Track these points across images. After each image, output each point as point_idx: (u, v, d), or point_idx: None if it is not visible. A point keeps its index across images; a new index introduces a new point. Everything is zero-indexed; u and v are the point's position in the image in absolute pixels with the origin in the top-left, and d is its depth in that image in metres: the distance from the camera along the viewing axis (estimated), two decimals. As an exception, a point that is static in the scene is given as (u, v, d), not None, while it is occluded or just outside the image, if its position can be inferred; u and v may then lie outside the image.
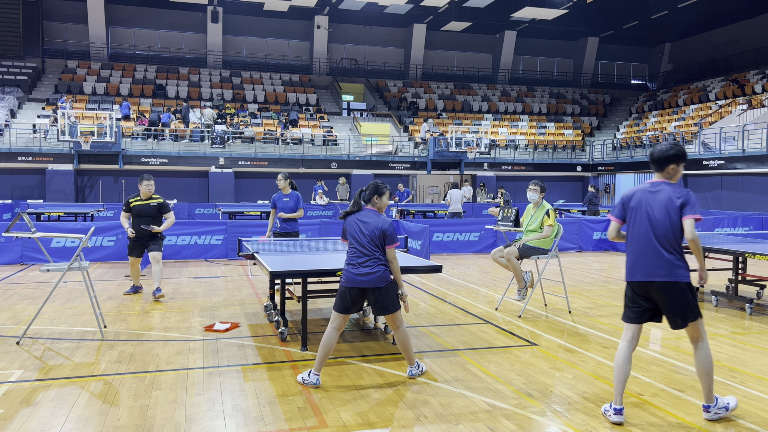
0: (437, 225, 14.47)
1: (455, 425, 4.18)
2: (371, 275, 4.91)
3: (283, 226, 9.03)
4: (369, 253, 4.94)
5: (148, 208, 8.62)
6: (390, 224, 5.00)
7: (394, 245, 5.00)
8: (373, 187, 5.19)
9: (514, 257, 7.72)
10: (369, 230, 4.98)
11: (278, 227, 9.05)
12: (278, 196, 9.06)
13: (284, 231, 9.01)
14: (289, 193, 9.04)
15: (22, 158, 24.52)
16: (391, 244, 4.98)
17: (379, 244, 4.97)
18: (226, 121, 28.67)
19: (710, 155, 24.11)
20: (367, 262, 4.93)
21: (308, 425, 4.16)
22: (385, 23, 36.00)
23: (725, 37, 35.33)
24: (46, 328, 6.77)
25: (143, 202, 8.63)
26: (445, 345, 6.23)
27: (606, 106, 38.31)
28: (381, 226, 4.98)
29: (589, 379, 5.19)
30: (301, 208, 9.04)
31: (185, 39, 34.70)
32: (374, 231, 4.96)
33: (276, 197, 9.08)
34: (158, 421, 4.21)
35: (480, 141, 28.32)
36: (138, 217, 8.58)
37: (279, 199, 9.02)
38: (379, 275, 4.93)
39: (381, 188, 5.18)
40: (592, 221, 15.45)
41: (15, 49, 30.98)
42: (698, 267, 4.31)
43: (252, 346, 6.12)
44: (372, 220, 5.02)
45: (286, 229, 9.03)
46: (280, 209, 8.98)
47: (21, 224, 8.96)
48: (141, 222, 8.56)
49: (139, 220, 8.57)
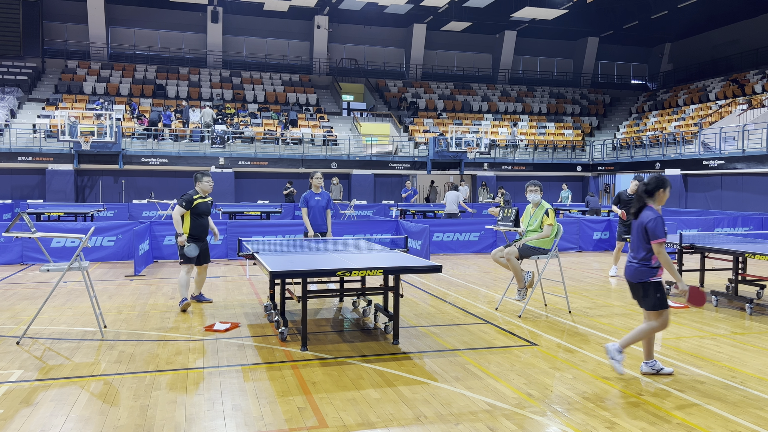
0: (437, 225, 14.46)
1: (455, 425, 4.18)
2: (626, 269, 5.25)
3: (314, 225, 9.08)
4: (634, 248, 5.21)
5: (207, 205, 8.13)
6: (652, 220, 5.04)
7: (657, 241, 5.01)
8: (658, 180, 5.17)
9: (513, 257, 7.72)
10: (635, 225, 5.20)
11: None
12: (310, 194, 9.13)
13: (314, 230, 9.09)
14: (320, 192, 9.15)
15: (22, 158, 24.52)
16: (653, 239, 5.02)
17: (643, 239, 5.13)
18: (226, 121, 28.68)
19: (710, 155, 24.11)
20: (633, 255, 5.24)
21: (308, 425, 4.16)
22: (385, 23, 36.00)
23: (725, 37, 35.32)
24: (46, 328, 6.77)
25: (204, 199, 8.12)
26: (445, 345, 6.23)
27: (606, 106, 38.32)
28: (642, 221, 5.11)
29: (589, 379, 5.19)
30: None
31: (185, 39, 34.70)
32: (638, 226, 5.15)
33: (308, 195, 9.13)
34: (158, 421, 4.21)
35: (480, 141, 28.32)
36: (200, 216, 7.99)
37: (311, 197, 9.09)
38: (633, 271, 5.18)
39: (665, 182, 5.20)
40: (592, 221, 15.45)
41: (15, 49, 30.98)
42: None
43: (252, 346, 6.12)
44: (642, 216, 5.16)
45: (320, 228, 9.12)
46: (312, 208, 9.05)
47: (21, 224, 8.97)
48: (204, 222, 8.04)
49: (202, 220, 8.02)
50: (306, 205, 9.11)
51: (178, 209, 7.84)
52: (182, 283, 7.87)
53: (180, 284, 7.87)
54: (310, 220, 9.09)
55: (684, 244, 8.67)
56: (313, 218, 9.11)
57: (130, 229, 12.32)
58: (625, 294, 9.25)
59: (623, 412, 4.45)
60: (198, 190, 8.06)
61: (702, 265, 9.49)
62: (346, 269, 5.71)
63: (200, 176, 8.12)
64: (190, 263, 7.97)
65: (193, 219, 7.94)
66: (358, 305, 7.79)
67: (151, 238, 12.30)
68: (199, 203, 7.97)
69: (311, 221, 9.10)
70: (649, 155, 28.21)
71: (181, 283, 7.87)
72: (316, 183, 9.11)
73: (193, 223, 7.96)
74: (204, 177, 8.12)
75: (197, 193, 8.04)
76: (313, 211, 9.09)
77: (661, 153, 27.45)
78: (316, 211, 9.09)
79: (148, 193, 25.16)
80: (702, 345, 6.28)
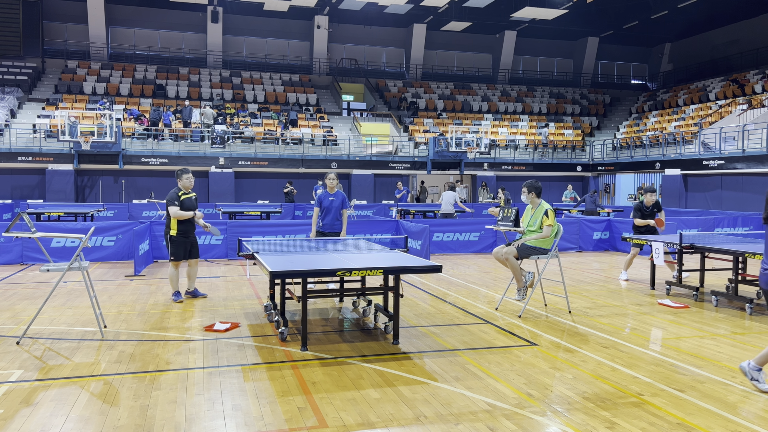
0: (437, 225, 14.46)
1: (455, 425, 4.18)
2: (761, 276, 5.03)
3: (327, 225, 9.05)
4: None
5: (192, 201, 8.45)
6: None
7: None
8: None
9: (512, 257, 7.72)
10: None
11: (320, 226, 9.08)
12: (324, 194, 9.09)
13: (328, 231, 9.04)
14: (335, 192, 9.12)
15: (22, 158, 24.53)
16: None
17: None
18: (226, 121, 28.68)
19: (710, 155, 24.11)
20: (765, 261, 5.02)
21: (308, 425, 4.16)
22: (385, 23, 36.01)
23: (725, 37, 35.33)
24: (46, 328, 6.77)
25: (188, 195, 8.40)
26: (445, 345, 6.23)
27: (606, 106, 38.32)
28: None
29: (589, 379, 5.19)
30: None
31: (185, 39, 34.70)
32: None
33: (322, 196, 9.09)
34: (158, 421, 4.21)
35: (480, 141, 28.33)
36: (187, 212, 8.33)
37: (325, 198, 9.05)
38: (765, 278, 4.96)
39: None
40: (592, 221, 15.46)
41: (15, 49, 30.98)
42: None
43: (252, 346, 6.12)
44: None
45: (333, 228, 9.06)
46: (325, 208, 9.02)
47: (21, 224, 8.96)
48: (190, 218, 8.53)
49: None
50: (319, 206, 9.08)
51: (173, 208, 8.19)
52: (172, 277, 8.39)
53: (170, 279, 8.39)
54: (325, 220, 9.05)
55: (684, 244, 8.67)
56: (328, 218, 9.05)
57: (130, 229, 12.32)
58: (625, 294, 9.25)
59: (623, 412, 4.45)
60: (181, 187, 8.36)
61: (702, 265, 9.49)
62: (346, 269, 5.71)
63: (180, 173, 8.41)
64: (179, 260, 8.37)
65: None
66: (358, 305, 7.79)
67: (151, 238, 12.30)
68: (184, 200, 8.30)
69: (326, 221, 9.05)
70: (649, 155, 28.21)
71: (171, 278, 8.39)
72: (329, 184, 9.07)
73: (180, 221, 8.30)
74: (184, 174, 8.41)
75: (180, 190, 8.34)
76: (326, 212, 9.04)
77: (661, 153, 27.45)
78: (330, 211, 9.04)
79: (148, 193, 25.17)
80: (702, 345, 6.28)
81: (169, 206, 8.16)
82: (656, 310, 8.04)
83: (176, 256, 8.29)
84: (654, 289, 9.53)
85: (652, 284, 9.63)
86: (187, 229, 8.36)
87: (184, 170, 8.40)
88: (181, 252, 8.33)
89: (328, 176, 9.13)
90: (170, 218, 8.22)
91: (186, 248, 8.39)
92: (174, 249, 8.27)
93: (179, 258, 8.33)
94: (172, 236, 8.25)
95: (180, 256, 8.32)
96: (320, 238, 8.62)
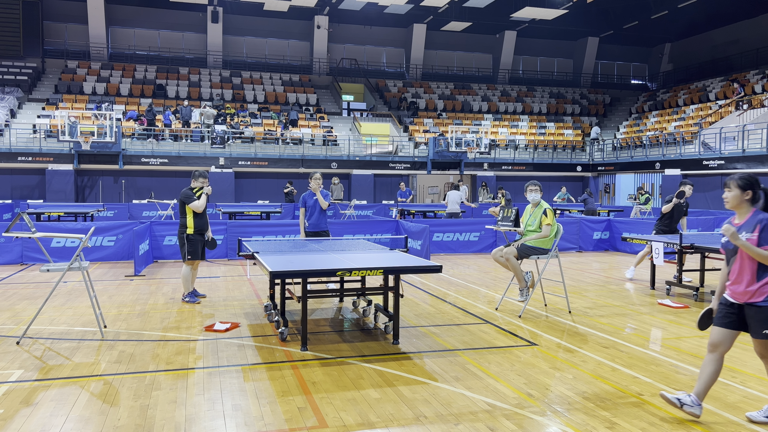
0: (437, 225, 14.47)
1: (455, 425, 4.18)
2: None
3: (314, 225, 9.01)
4: None
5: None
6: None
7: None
8: None
9: (512, 257, 7.72)
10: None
11: (307, 226, 9.07)
12: (308, 194, 9.07)
13: (314, 230, 9.00)
14: (320, 191, 9.10)
15: (22, 158, 24.52)
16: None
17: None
18: (226, 121, 28.68)
19: (710, 155, 24.11)
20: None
21: (308, 425, 4.16)
22: (385, 23, 36.00)
23: (725, 37, 35.32)
24: (46, 328, 6.77)
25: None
26: (445, 345, 6.23)
27: (606, 106, 38.31)
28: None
29: (589, 379, 5.19)
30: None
31: (185, 39, 34.70)
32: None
33: (306, 196, 9.08)
34: (158, 421, 4.21)
35: (480, 141, 28.32)
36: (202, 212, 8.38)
37: (309, 197, 9.04)
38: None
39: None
40: (593, 221, 15.46)
41: (15, 49, 30.98)
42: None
43: (252, 346, 6.12)
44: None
45: (319, 227, 9.01)
46: (310, 208, 9.00)
47: (21, 224, 8.97)
48: (204, 216, 8.44)
49: (203, 214, 8.39)
50: (304, 206, 9.08)
51: (195, 203, 8.09)
52: (186, 277, 8.30)
53: (184, 279, 8.28)
54: (311, 220, 9.05)
55: (684, 244, 8.67)
56: (314, 218, 9.06)
57: (130, 229, 12.32)
58: (625, 294, 9.25)
59: (623, 412, 4.45)
60: (193, 186, 8.34)
61: (702, 265, 9.49)
62: (346, 269, 5.70)
63: (197, 174, 8.37)
64: (196, 259, 8.33)
65: (195, 214, 8.22)
66: (358, 305, 7.79)
67: (151, 238, 12.30)
68: (199, 196, 8.28)
69: (312, 221, 9.05)
70: (649, 155, 28.21)
71: (185, 278, 8.29)
72: (313, 184, 9.06)
73: (197, 219, 8.26)
74: (201, 177, 8.34)
75: (193, 188, 8.33)
76: (312, 211, 9.05)
77: (661, 153, 27.45)
78: (315, 210, 9.05)
79: (148, 193, 25.16)
80: (702, 345, 6.28)
81: (189, 203, 8.12)
82: (656, 310, 8.04)
83: (194, 255, 8.22)
84: (654, 289, 9.53)
85: (652, 284, 9.64)
86: (203, 227, 8.33)
87: (203, 173, 8.35)
88: (198, 250, 8.30)
89: (313, 176, 9.07)
90: (186, 217, 8.17)
91: (202, 246, 8.38)
92: (191, 248, 8.22)
93: (197, 257, 8.28)
94: (189, 235, 8.19)
95: (197, 255, 8.28)
96: (309, 238, 8.57)
